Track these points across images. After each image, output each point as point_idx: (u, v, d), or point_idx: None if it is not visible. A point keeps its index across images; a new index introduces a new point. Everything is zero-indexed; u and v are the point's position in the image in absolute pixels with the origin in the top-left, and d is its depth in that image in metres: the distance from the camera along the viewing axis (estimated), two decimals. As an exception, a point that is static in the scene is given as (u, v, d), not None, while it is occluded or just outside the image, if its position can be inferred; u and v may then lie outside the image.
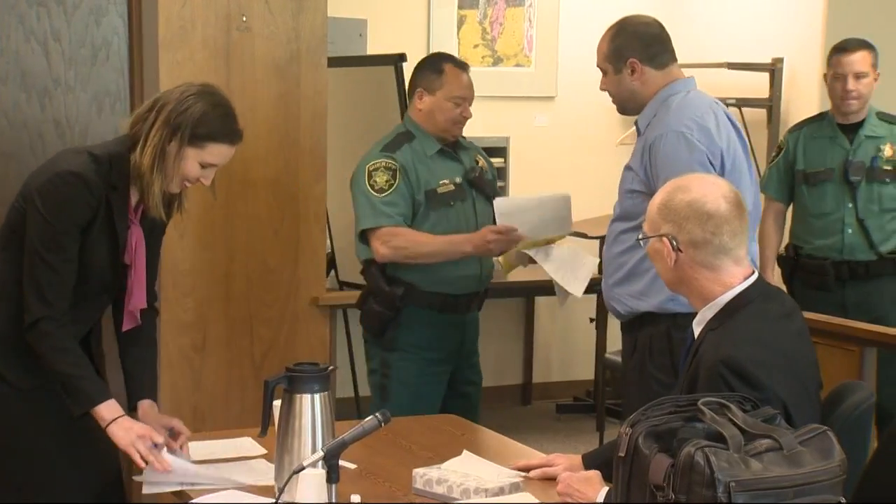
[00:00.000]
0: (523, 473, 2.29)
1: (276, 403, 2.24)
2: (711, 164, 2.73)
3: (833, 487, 1.84)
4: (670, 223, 2.15)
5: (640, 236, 2.23)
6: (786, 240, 4.12)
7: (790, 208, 4.09)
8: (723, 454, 1.78)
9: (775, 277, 4.10)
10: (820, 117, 4.04)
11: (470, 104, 3.34)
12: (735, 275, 2.15)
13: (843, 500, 1.86)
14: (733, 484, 1.75)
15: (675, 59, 2.90)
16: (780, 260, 4.10)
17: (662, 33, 2.92)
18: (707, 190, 2.15)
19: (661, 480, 1.80)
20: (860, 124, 3.91)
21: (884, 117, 3.96)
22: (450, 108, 3.28)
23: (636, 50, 2.88)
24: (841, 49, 3.91)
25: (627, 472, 1.87)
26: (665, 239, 2.15)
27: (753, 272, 2.19)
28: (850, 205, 3.87)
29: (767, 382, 2.02)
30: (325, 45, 3.60)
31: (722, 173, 2.73)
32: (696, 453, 1.78)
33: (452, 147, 3.36)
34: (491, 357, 5.55)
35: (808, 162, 3.97)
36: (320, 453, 1.98)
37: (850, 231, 3.88)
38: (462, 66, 3.39)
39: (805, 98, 4.95)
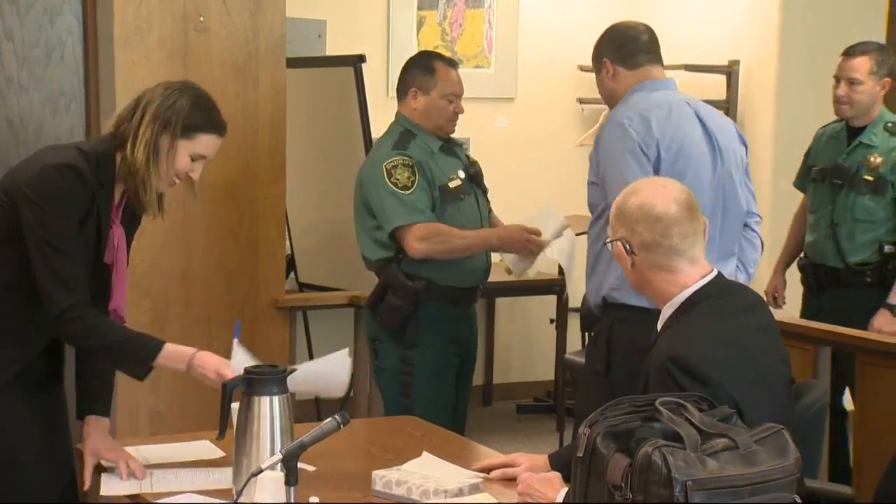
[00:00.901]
0: (483, 474, 2.29)
1: (235, 406, 2.23)
2: (645, 153, 2.80)
3: (788, 485, 1.86)
4: (624, 227, 2.20)
5: (605, 240, 2.28)
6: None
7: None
8: (680, 453, 1.80)
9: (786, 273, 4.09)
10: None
11: (460, 100, 3.44)
12: (690, 275, 2.18)
13: (798, 499, 1.88)
14: (690, 483, 1.77)
15: (655, 62, 2.98)
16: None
17: (641, 36, 3.00)
18: (657, 193, 2.20)
19: (618, 480, 1.81)
20: (863, 129, 3.85)
21: (893, 129, 3.83)
22: (444, 106, 3.37)
23: (609, 51, 2.98)
24: (845, 52, 3.88)
25: (586, 472, 1.88)
26: (619, 243, 2.20)
27: (712, 271, 2.21)
28: (830, 207, 3.87)
29: (717, 379, 2.04)
30: (284, 45, 3.59)
31: (658, 165, 2.79)
32: (653, 453, 1.79)
33: (448, 143, 3.43)
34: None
35: (817, 158, 3.97)
36: (279, 456, 1.97)
37: (824, 235, 3.88)
38: (452, 63, 3.48)
39: (761, 100, 5.01)
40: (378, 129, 4.34)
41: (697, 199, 2.62)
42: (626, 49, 2.97)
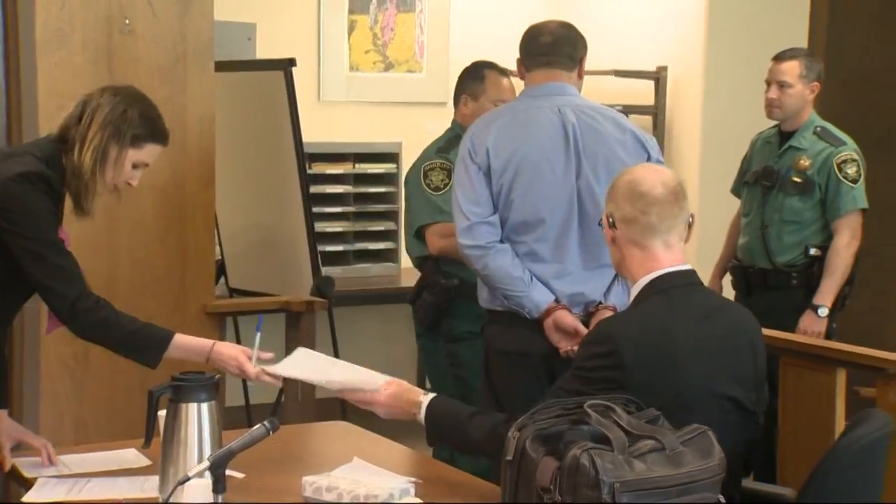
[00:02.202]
0: (414, 479, 2.29)
1: (162, 413, 2.20)
2: (474, 161, 2.90)
3: (713, 486, 1.88)
4: (612, 202, 2.27)
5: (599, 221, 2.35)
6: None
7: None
8: (608, 455, 1.82)
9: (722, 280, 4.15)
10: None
11: None
12: (662, 259, 2.21)
13: (722, 499, 1.91)
14: (617, 485, 1.79)
15: (550, 65, 2.96)
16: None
17: (541, 38, 2.99)
18: (647, 174, 2.26)
19: (547, 483, 1.83)
20: (794, 133, 3.93)
21: (821, 133, 3.91)
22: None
23: (520, 52, 3.05)
24: (775, 57, 3.98)
25: (515, 475, 1.89)
26: (605, 216, 2.27)
27: (685, 263, 2.23)
28: (760, 209, 3.95)
29: (634, 364, 2.07)
30: (212, 48, 3.55)
31: (489, 172, 2.87)
32: (581, 455, 1.81)
33: None
34: (384, 362, 5.52)
35: (751, 163, 4.06)
36: (206, 463, 1.94)
37: (755, 236, 3.96)
38: (503, 71, 3.68)
39: (688, 105, 5.08)
40: (309, 133, 4.35)
41: (540, 207, 2.88)
42: (524, 50, 3.00)
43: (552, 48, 2.96)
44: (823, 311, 3.82)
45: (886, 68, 5.37)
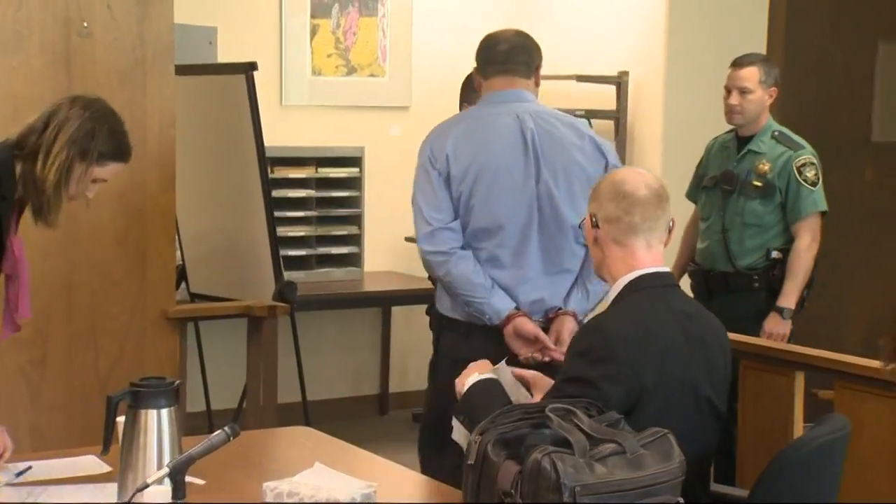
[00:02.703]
0: (375, 483, 2.28)
1: (121, 420, 2.18)
2: (434, 167, 2.94)
3: (673, 488, 1.90)
4: (595, 202, 2.29)
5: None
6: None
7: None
8: (569, 459, 1.82)
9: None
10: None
11: None
12: (643, 259, 2.24)
13: (682, 500, 1.92)
14: (578, 488, 1.80)
15: (507, 73, 3.00)
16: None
17: (498, 46, 3.03)
18: (632, 176, 2.30)
19: (509, 486, 1.84)
20: (752, 138, 3.99)
21: (779, 138, 3.97)
22: None
23: (477, 59, 3.08)
24: (733, 63, 4.04)
25: (476, 479, 1.90)
26: (588, 217, 2.29)
27: (663, 265, 2.27)
28: (721, 213, 3.99)
29: (624, 357, 2.09)
30: (172, 52, 3.53)
31: (449, 178, 2.91)
32: (542, 459, 1.81)
33: None
34: (347, 367, 5.54)
35: (708, 168, 4.10)
36: (165, 469, 1.93)
37: (715, 240, 4.00)
38: None
39: (649, 109, 5.11)
40: (271, 137, 4.33)
41: (500, 213, 2.92)
42: (482, 58, 3.04)
43: (509, 56, 2.99)
44: (788, 313, 3.87)
45: (845, 73, 5.45)
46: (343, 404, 3.66)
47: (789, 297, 3.86)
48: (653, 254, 2.25)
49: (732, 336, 3.50)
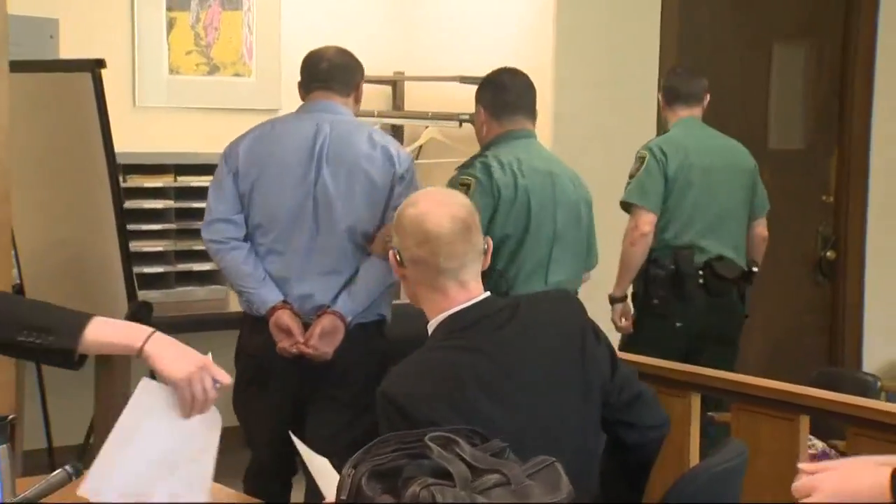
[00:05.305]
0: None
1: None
2: (229, 169, 3.42)
3: (562, 520, 1.91)
4: (398, 235, 2.31)
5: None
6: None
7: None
8: (449, 492, 1.81)
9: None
10: None
11: None
12: (454, 298, 2.27)
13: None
14: (459, 523, 1.78)
15: (321, 88, 3.47)
16: None
17: (319, 64, 3.51)
18: (434, 208, 2.29)
19: (385, 523, 1.82)
20: None
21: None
22: None
23: (300, 76, 3.58)
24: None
25: (350, 516, 1.88)
26: (393, 252, 2.31)
27: (478, 295, 2.28)
28: None
29: (424, 417, 2.11)
30: (6, 46, 3.41)
31: (237, 177, 3.37)
32: (421, 492, 1.80)
33: None
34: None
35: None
36: (-5, 517, 1.86)
37: None
38: None
39: (539, 111, 5.17)
40: (123, 142, 4.24)
41: (277, 209, 3.34)
42: (304, 74, 3.51)
43: (329, 74, 3.43)
44: (612, 300, 4.36)
45: (741, 72, 5.61)
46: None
47: (616, 287, 4.32)
48: (467, 290, 2.29)
49: (628, 357, 3.61)
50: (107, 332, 2.05)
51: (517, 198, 3.47)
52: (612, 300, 4.34)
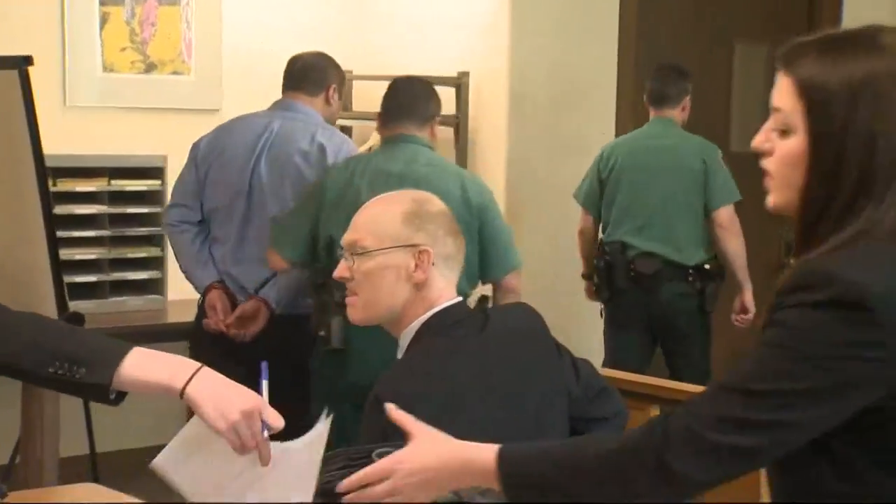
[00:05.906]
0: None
1: None
2: (195, 163, 3.80)
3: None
4: (426, 234, 2.27)
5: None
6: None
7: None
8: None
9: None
10: None
11: None
12: (443, 294, 2.33)
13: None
14: (409, 544, 1.73)
15: (293, 89, 3.77)
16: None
17: (294, 65, 3.85)
18: (438, 201, 2.42)
19: (330, 544, 1.77)
20: None
21: None
22: None
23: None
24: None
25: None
26: (415, 251, 2.27)
27: (451, 298, 2.31)
28: None
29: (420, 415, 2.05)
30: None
31: (204, 169, 3.74)
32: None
33: None
34: (146, 412, 5.29)
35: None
36: None
37: None
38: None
39: (492, 114, 5.15)
40: (52, 143, 4.13)
41: (221, 197, 3.70)
42: (284, 77, 3.82)
43: (301, 73, 3.74)
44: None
45: (701, 73, 5.59)
46: (139, 455, 3.47)
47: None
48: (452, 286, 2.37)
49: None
50: (145, 367, 1.85)
51: (345, 198, 3.28)
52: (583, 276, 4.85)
